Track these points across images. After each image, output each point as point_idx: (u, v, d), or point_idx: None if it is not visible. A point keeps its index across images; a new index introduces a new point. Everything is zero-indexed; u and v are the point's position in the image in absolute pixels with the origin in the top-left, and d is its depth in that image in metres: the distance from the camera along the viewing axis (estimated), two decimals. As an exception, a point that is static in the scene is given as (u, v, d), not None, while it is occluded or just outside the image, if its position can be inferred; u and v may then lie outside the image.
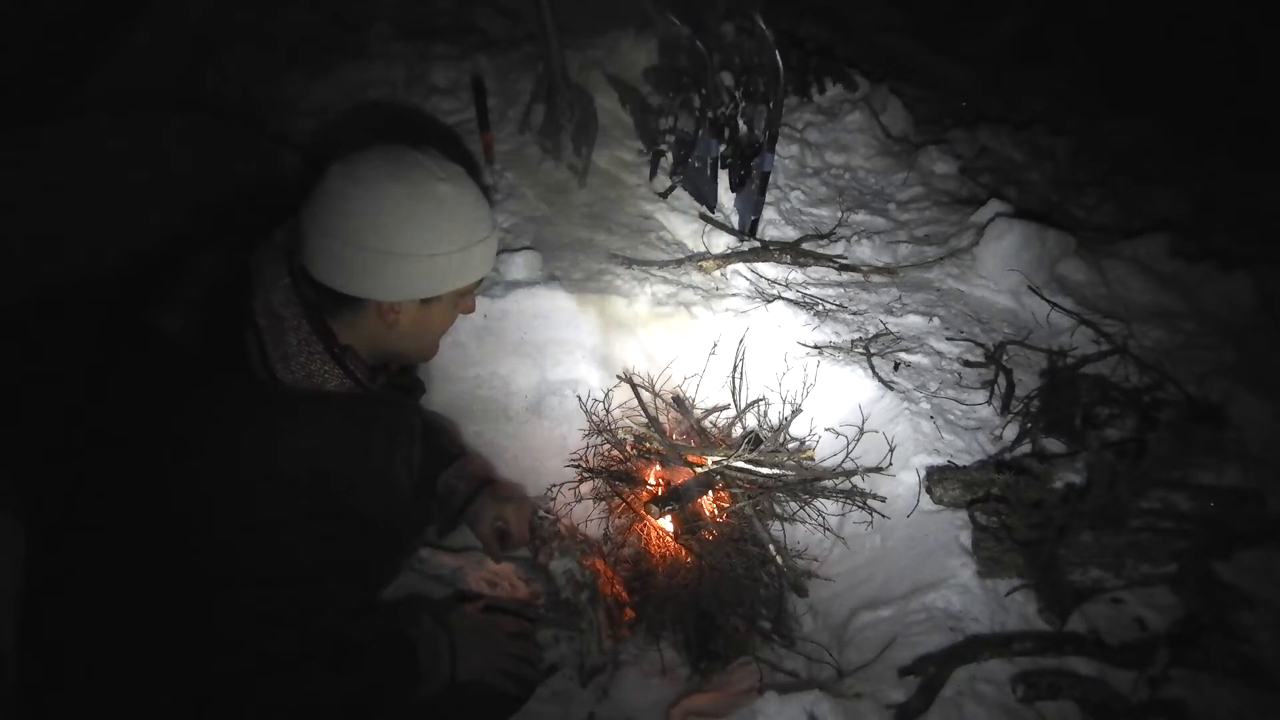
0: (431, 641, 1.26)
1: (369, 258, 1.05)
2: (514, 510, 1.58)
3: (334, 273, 1.07)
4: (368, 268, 1.06)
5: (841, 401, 1.90)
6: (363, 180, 1.04)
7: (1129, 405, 1.85)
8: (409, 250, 1.06)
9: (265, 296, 1.08)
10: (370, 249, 1.04)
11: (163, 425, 1.04)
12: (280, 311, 1.07)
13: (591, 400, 1.99)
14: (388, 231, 1.04)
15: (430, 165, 1.08)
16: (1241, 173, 3.43)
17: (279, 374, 1.06)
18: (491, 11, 3.36)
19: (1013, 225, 2.34)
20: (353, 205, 1.03)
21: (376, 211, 1.04)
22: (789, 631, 1.69)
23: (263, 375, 1.06)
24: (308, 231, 1.06)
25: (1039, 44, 4.52)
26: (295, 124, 2.63)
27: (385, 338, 1.15)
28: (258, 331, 1.06)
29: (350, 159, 1.06)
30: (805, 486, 1.72)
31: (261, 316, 1.07)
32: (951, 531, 1.54)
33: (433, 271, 1.09)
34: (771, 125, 2.25)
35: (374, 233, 1.04)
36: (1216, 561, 1.52)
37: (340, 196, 1.04)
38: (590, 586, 1.70)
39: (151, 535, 1.01)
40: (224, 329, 1.07)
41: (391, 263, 1.06)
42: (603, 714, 1.67)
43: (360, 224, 1.03)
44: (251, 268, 1.11)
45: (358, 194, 1.03)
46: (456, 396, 2.09)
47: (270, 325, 1.07)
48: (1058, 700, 1.27)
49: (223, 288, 1.10)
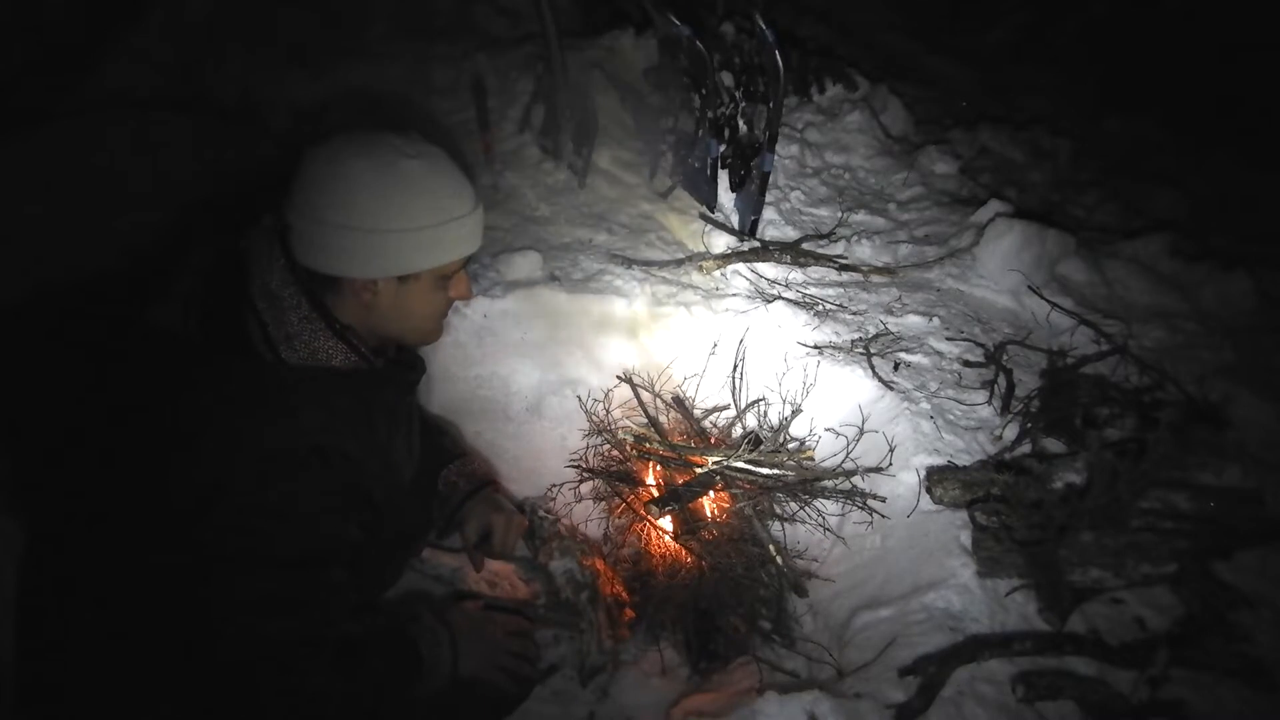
0: (432, 637, 1.26)
1: (336, 234, 1.06)
2: (504, 521, 1.55)
3: (307, 251, 1.08)
4: (337, 244, 1.07)
5: (841, 401, 1.90)
6: (332, 159, 1.05)
7: (1129, 405, 1.85)
8: (374, 225, 1.06)
9: (262, 279, 1.09)
10: (336, 224, 1.05)
11: (166, 412, 1.04)
12: (278, 292, 1.09)
13: (591, 400, 1.99)
14: (352, 207, 1.05)
15: (399, 143, 1.08)
16: (1241, 173, 3.44)
17: (284, 354, 1.08)
18: (491, 11, 3.35)
19: (1013, 225, 2.34)
20: (322, 183, 1.05)
21: (344, 189, 1.05)
22: (789, 631, 1.69)
23: (268, 357, 1.07)
24: (286, 212, 1.08)
25: (1039, 44, 4.52)
26: (295, 124, 2.62)
27: (369, 319, 1.15)
28: (258, 314, 1.08)
29: (324, 140, 1.08)
30: (805, 487, 1.72)
31: (260, 299, 1.08)
32: (951, 531, 1.54)
33: (401, 247, 1.09)
34: (771, 125, 2.25)
35: (340, 208, 1.05)
36: (1216, 561, 1.52)
37: (311, 175, 1.06)
38: (590, 586, 1.70)
39: (154, 524, 1.01)
40: (223, 316, 1.08)
41: (358, 238, 1.07)
42: (603, 714, 1.67)
43: (327, 200, 1.05)
44: (244, 253, 1.12)
45: (327, 172, 1.05)
46: (456, 396, 2.08)
47: (269, 307, 1.08)
48: (1058, 700, 1.27)
49: (217, 276, 1.11)
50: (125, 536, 1.03)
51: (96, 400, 1.10)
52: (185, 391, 1.05)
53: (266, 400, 1.06)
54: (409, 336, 1.24)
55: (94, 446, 1.08)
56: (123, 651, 1.04)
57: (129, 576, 1.03)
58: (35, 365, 1.35)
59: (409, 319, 1.18)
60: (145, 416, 1.05)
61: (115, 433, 1.07)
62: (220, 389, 1.05)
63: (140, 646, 1.04)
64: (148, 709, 1.05)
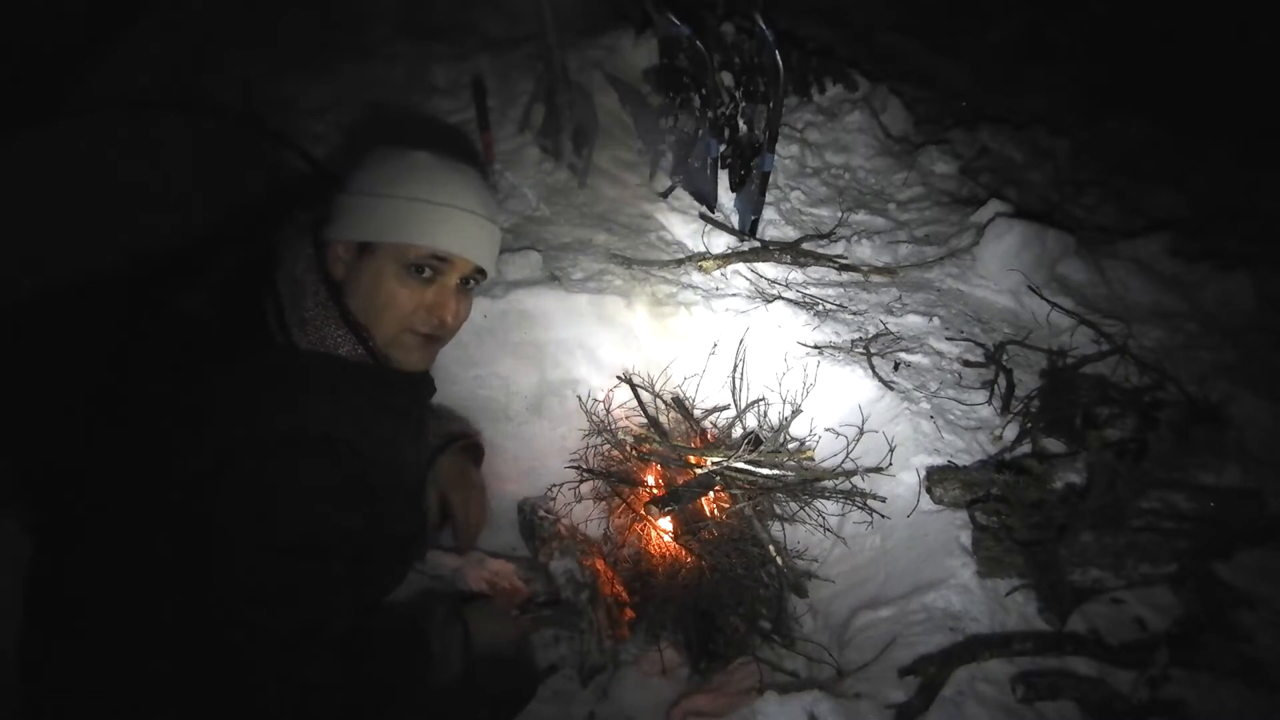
0: (443, 630, 1.25)
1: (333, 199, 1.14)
2: (461, 501, 1.49)
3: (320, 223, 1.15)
4: (330, 206, 1.14)
5: (841, 401, 1.90)
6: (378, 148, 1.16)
7: (1129, 405, 1.85)
8: (351, 187, 1.13)
9: (289, 266, 1.12)
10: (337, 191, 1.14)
11: (175, 394, 1.04)
12: (302, 278, 1.11)
13: (591, 400, 1.99)
14: (354, 174, 1.14)
15: (434, 152, 1.16)
16: (1241, 172, 3.44)
17: (295, 338, 1.09)
18: (491, 11, 3.35)
19: (1013, 225, 2.34)
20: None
21: (357, 163, 1.15)
22: (789, 631, 1.69)
23: (280, 340, 1.08)
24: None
25: (1039, 43, 4.52)
26: (295, 124, 2.62)
27: (347, 302, 1.13)
28: (277, 298, 1.10)
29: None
30: (805, 487, 1.72)
31: (283, 285, 1.11)
32: (951, 531, 1.54)
33: (366, 208, 1.11)
34: (771, 125, 2.25)
35: (347, 178, 1.14)
36: (1216, 561, 1.52)
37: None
38: (590, 586, 1.70)
39: (158, 506, 1.01)
40: (243, 300, 1.11)
41: (342, 199, 1.13)
42: (603, 714, 1.67)
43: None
44: (277, 245, 1.15)
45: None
46: (456, 396, 2.08)
47: (290, 292, 1.10)
48: (1058, 700, 1.27)
49: (247, 267, 1.14)
50: (131, 523, 1.03)
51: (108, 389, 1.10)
52: (194, 372, 1.06)
53: (274, 381, 1.06)
54: (376, 332, 1.15)
55: (105, 430, 1.08)
56: (127, 645, 1.04)
57: (133, 567, 1.03)
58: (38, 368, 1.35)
59: (369, 305, 1.12)
60: (157, 397, 1.06)
61: (127, 414, 1.07)
62: (230, 369, 1.06)
63: (143, 639, 1.04)
64: (153, 703, 1.05)
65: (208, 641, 1.02)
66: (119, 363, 1.12)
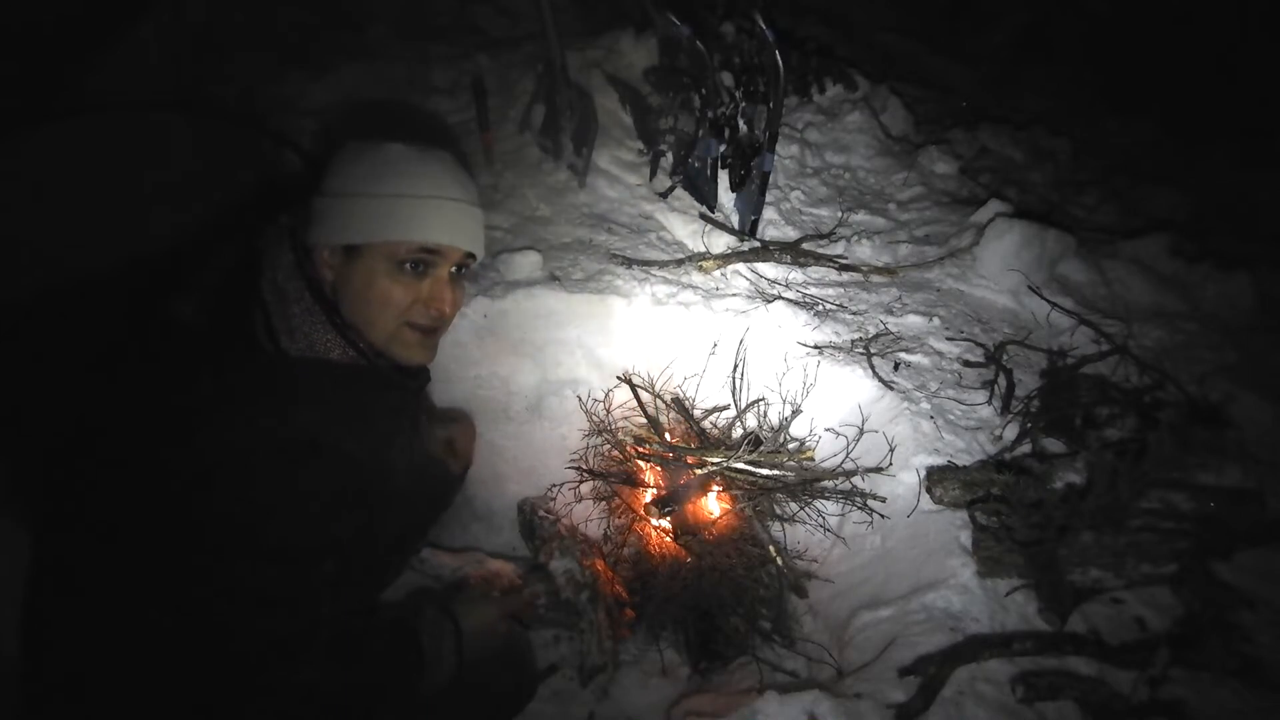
0: (435, 629, 1.25)
1: (311, 202, 1.12)
2: (461, 430, 1.57)
3: (300, 228, 1.14)
4: (309, 210, 1.13)
5: (841, 401, 1.90)
6: (349, 145, 1.14)
7: (1129, 405, 1.85)
8: (329, 189, 1.12)
9: (271, 274, 1.11)
10: (314, 194, 1.13)
11: (168, 403, 1.04)
12: (284, 286, 1.10)
13: (591, 400, 1.99)
14: (324, 175, 1.12)
15: (405, 142, 1.14)
16: (1241, 173, 3.44)
17: (284, 345, 1.09)
18: (491, 11, 3.36)
19: (1013, 225, 2.34)
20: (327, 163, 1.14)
21: (331, 161, 1.13)
22: (789, 631, 1.69)
23: (269, 348, 1.08)
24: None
25: (1039, 43, 4.52)
26: (295, 124, 2.62)
27: (340, 304, 1.12)
28: (264, 307, 1.09)
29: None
30: (805, 487, 1.72)
31: (268, 293, 1.10)
32: (951, 531, 1.54)
33: (348, 210, 1.11)
34: (771, 125, 2.25)
35: (323, 180, 1.12)
36: (1216, 561, 1.52)
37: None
38: (590, 586, 1.70)
39: (151, 513, 1.01)
40: (233, 309, 1.10)
41: (321, 203, 1.12)
42: (603, 714, 1.67)
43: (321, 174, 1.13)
44: (259, 252, 1.14)
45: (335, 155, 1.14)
46: (457, 396, 2.08)
47: (275, 300, 1.10)
48: (1058, 700, 1.27)
49: (236, 273, 1.13)
50: (124, 527, 1.03)
51: (102, 397, 1.10)
52: (186, 382, 1.06)
53: (264, 389, 1.06)
54: (369, 332, 1.14)
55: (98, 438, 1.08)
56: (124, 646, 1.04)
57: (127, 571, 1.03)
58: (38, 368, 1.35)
59: (364, 305, 1.12)
60: (148, 405, 1.06)
61: (119, 422, 1.07)
62: (220, 377, 1.06)
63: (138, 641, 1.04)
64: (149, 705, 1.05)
65: (200, 645, 1.02)
66: (113, 366, 1.12)
